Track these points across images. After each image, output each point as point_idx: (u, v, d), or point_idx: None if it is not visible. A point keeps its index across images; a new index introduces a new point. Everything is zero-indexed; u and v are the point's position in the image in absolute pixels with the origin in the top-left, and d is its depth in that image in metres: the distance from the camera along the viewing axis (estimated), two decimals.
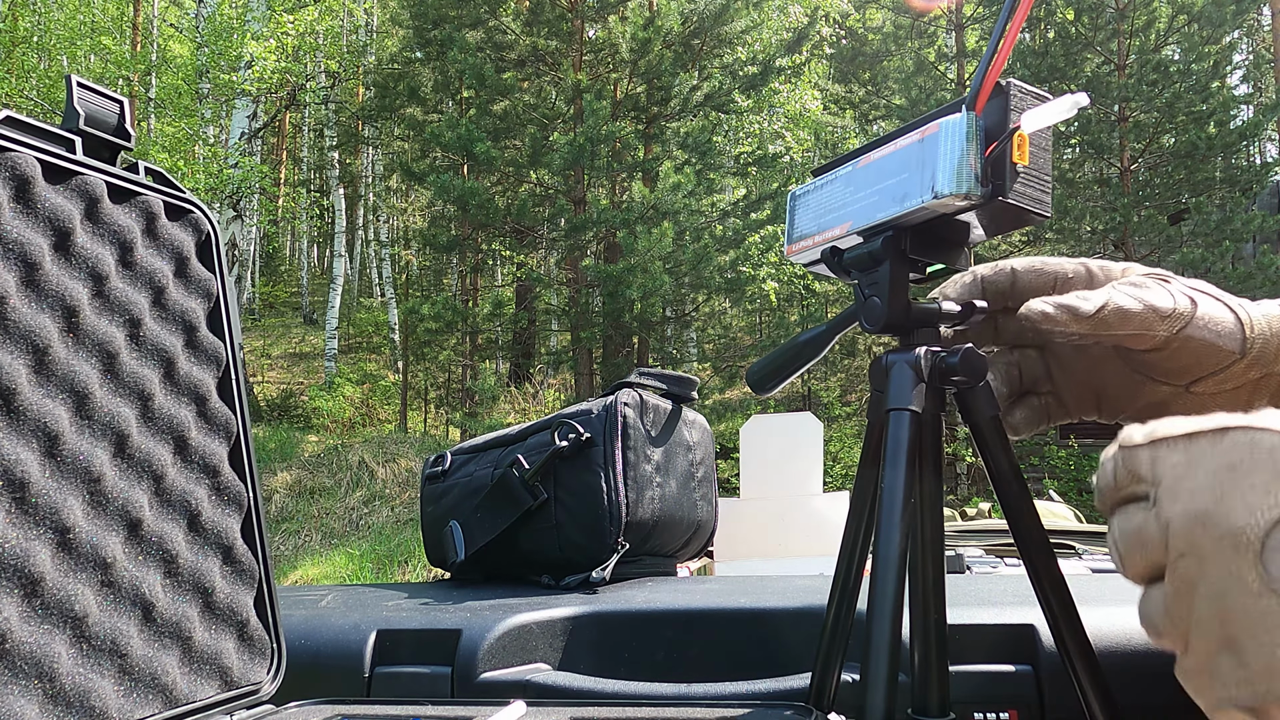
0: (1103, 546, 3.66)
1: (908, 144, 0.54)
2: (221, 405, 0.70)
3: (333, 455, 10.84)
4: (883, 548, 0.53)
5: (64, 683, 0.54)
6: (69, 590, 0.55)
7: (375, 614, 0.94)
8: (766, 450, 2.43)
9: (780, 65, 10.66)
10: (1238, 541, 0.34)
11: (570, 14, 9.92)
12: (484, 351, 11.80)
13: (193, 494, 0.66)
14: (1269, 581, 0.33)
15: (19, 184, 0.56)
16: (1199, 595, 0.35)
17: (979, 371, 0.57)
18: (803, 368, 0.65)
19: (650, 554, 1.21)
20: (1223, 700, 0.35)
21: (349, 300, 20.20)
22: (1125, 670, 0.74)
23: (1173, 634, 0.37)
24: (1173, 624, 0.37)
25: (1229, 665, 0.35)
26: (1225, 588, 0.34)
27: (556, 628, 0.92)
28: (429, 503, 1.30)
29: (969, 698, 0.76)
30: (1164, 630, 0.38)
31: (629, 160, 9.79)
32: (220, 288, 0.71)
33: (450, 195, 8.94)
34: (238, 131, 11.43)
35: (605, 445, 1.12)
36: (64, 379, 0.57)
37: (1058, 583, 0.57)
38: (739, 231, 9.62)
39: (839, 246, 0.60)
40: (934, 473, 0.59)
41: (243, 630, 0.68)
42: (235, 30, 11.29)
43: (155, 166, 0.67)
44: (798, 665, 0.85)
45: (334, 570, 8.01)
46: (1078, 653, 0.57)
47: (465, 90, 11.25)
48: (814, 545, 2.25)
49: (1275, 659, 0.33)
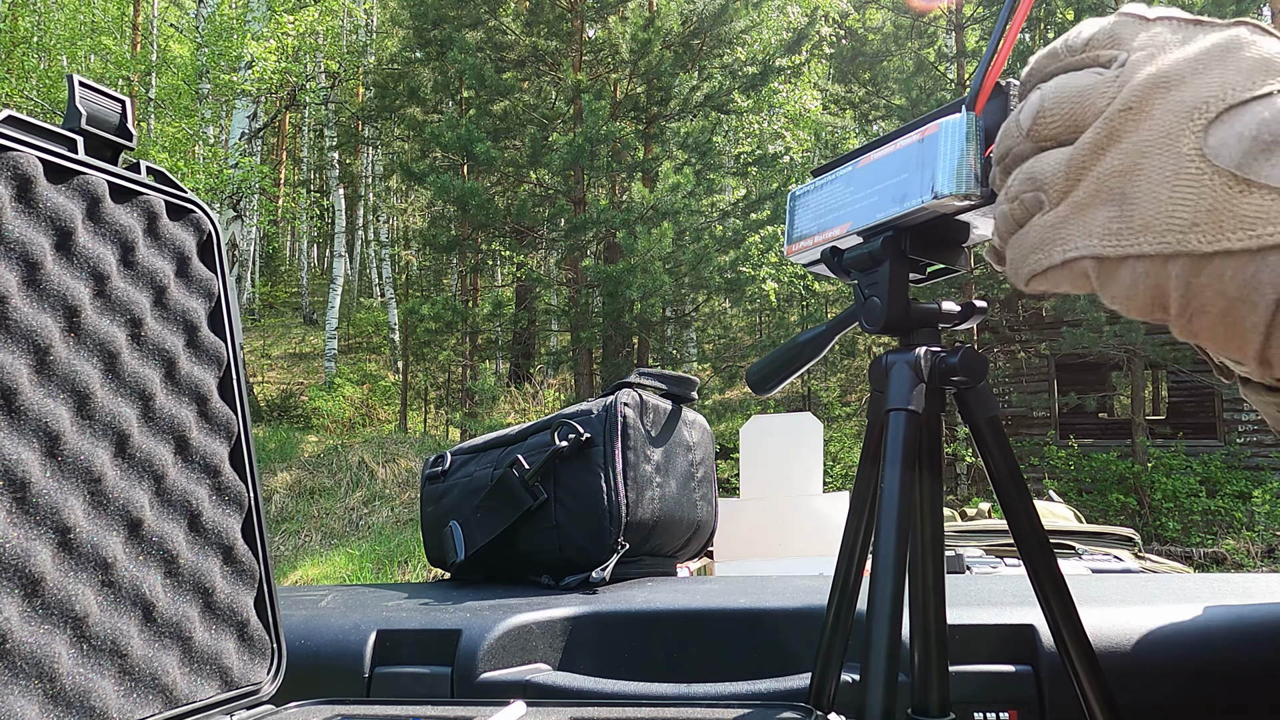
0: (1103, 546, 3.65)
1: (908, 144, 0.54)
2: (222, 405, 0.70)
3: (333, 455, 10.84)
4: (882, 548, 0.53)
5: (64, 683, 0.54)
6: (69, 590, 0.55)
7: (375, 614, 0.94)
8: (766, 450, 2.43)
9: (780, 65, 10.66)
10: (1194, 109, 0.33)
11: (570, 14, 9.92)
12: (484, 351, 11.80)
13: (193, 494, 0.66)
14: (1203, 149, 0.32)
15: (21, 183, 0.56)
16: (1117, 149, 0.35)
17: (979, 371, 0.57)
18: (802, 368, 0.65)
19: (650, 554, 1.21)
20: (1080, 249, 0.36)
21: (349, 300, 20.21)
22: (1125, 670, 0.74)
23: (1060, 183, 0.37)
24: (1065, 176, 0.36)
25: (1105, 217, 0.35)
26: (1153, 146, 0.34)
27: (556, 628, 0.92)
28: (429, 503, 1.30)
29: (969, 698, 0.76)
30: (1051, 180, 0.37)
31: (629, 160, 9.79)
32: (221, 287, 0.71)
33: (450, 195, 8.94)
34: (238, 132, 11.43)
35: (605, 445, 1.12)
36: (65, 379, 0.57)
37: (1058, 583, 0.57)
38: (739, 231, 9.62)
39: (839, 246, 0.60)
40: (934, 473, 0.59)
41: (243, 630, 0.68)
42: (235, 30, 11.29)
43: (157, 166, 0.67)
44: (798, 665, 0.85)
45: (334, 570, 8.01)
46: (1078, 653, 0.57)
47: (465, 90, 11.26)
48: (814, 545, 2.25)
49: (1158, 216, 0.33)
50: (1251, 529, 9.44)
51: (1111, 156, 0.35)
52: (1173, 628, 0.78)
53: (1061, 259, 0.37)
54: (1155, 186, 0.33)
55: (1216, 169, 0.32)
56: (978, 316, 0.60)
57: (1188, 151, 0.33)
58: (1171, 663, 0.75)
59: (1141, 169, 0.34)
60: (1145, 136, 0.34)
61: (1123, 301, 0.35)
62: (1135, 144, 0.34)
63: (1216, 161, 0.32)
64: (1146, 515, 10.00)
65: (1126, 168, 0.34)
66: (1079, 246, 0.36)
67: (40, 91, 12.72)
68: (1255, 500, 9.57)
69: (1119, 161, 0.35)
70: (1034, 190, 0.38)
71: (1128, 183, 0.34)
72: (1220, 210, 0.32)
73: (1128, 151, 0.34)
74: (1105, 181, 0.35)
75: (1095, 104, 0.36)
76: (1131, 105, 0.35)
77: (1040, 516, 0.59)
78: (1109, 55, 0.37)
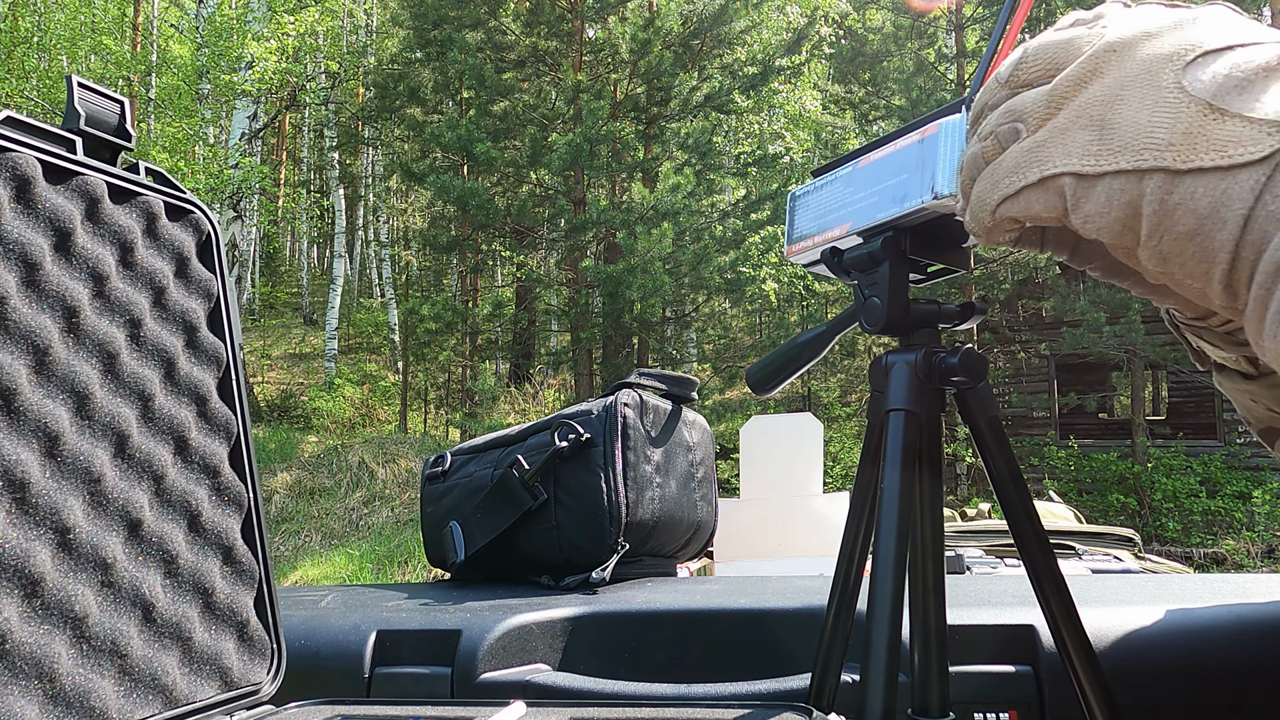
0: (1103, 546, 3.65)
1: (907, 144, 0.54)
2: (222, 405, 0.70)
3: (333, 456, 10.84)
4: (882, 548, 0.53)
5: (64, 683, 0.54)
6: (69, 590, 0.55)
7: (375, 614, 0.94)
8: (766, 450, 2.42)
9: (780, 65, 10.66)
10: (1174, 53, 0.36)
11: (570, 14, 9.92)
12: (484, 352, 11.79)
13: (193, 494, 0.66)
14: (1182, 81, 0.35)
15: (20, 184, 0.56)
16: (1099, 82, 0.37)
17: (979, 372, 0.57)
18: (803, 368, 0.65)
19: (650, 554, 1.21)
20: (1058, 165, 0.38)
21: (349, 300, 20.20)
22: (1125, 670, 0.74)
23: (1036, 115, 0.39)
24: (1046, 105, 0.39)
25: (1085, 139, 0.37)
26: (1134, 80, 0.36)
27: (556, 628, 0.92)
28: (429, 503, 1.30)
29: (969, 698, 0.76)
30: (1027, 113, 0.39)
31: (629, 161, 9.79)
32: (221, 288, 0.71)
33: (450, 196, 8.94)
34: (238, 132, 11.43)
35: (605, 445, 1.12)
36: (64, 379, 0.57)
37: (1058, 583, 0.57)
38: (739, 232, 9.62)
39: (839, 247, 0.60)
40: (934, 473, 0.59)
41: (243, 630, 0.68)
42: (235, 31, 11.29)
43: (156, 167, 0.67)
44: (798, 665, 0.85)
45: (334, 570, 8.01)
46: (1078, 653, 0.57)
47: (465, 91, 11.25)
48: (814, 545, 2.25)
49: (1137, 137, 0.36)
50: (1251, 529, 9.44)
51: (1094, 87, 0.37)
52: (1173, 628, 0.78)
53: (1039, 176, 0.38)
54: (1135, 112, 0.36)
55: (1193, 98, 0.35)
56: (978, 317, 0.60)
57: (1167, 85, 0.35)
58: (1171, 663, 0.75)
59: (1122, 99, 0.36)
60: (1127, 71, 0.37)
61: (1095, 220, 0.37)
62: (1118, 78, 0.37)
63: (1193, 92, 0.35)
64: (1146, 515, 10.00)
65: (1108, 97, 0.37)
66: (1057, 164, 0.38)
67: (40, 91, 12.72)
68: (1255, 500, 9.57)
69: (1101, 92, 0.37)
70: (1012, 121, 0.40)
71: (1108, 110, 0.37)
72: (1195, 133, 0.34)
73: (1109, 85, 0.37)
74: (1086, 109, 0.37)
75: (1078, 48, 0.38)
76: (1115, 47, 0.37)
77: (1040, 517, 0.59)
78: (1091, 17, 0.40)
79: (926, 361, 0.57)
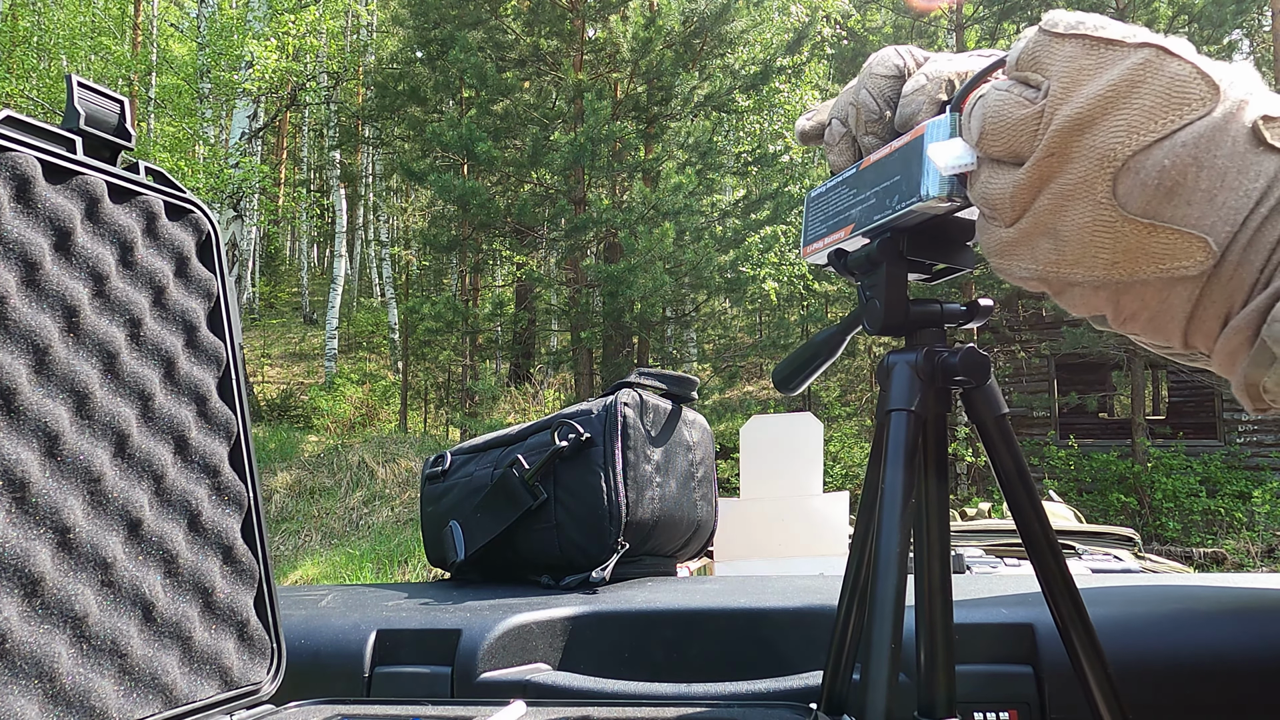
0: (1103, 546, 3.65)
1: (901, 144, 0.53)
2: (222, 405, 0.70)
3: (333, 455, 10.83)
4: (883, 548, 0.53)
5: (64, 683, 0.54)
6: (69, 590, 0.55)
7: (375, 614, 0.94)
8: (766, 450, 2.42)
9: (781, 65, 10.65)
10: (1104, 157, 0.39)
11: (571, 14, 9.92)
12: (484, 351, 11.79)
13: (193, 494, 0.65)
14: (1113, 197, 0.39)
15: (19, 184, 0.56)
16: (1049, 190, 0.42)
17: (981, 372, 0.57)
18: (823, 366, 0.65)
19: (650, 554, 1.21)
20: (1031, 271, 0.44)
21: (349, 300, 20.20)
22: (1125, 670, 0.74)
23: (1007, 213, 0.44)
24: (1011, 205, 0.44)
25: (1046, 248, 0.43)
26: (1075, 191, 0.41)
27: (556, 628, 0.92)
28: (429, 503, 1.30)
29: (969, 698, 0.76)
30: (999, 208, 0.45)
31: (630, 160, 9.78)
32: (220, 287, 0.71)
33: (451, 195, 8.93)
34: (238, 131, 11.43)
35: (605, 445, 1.12)
36: (64, 379, 0.57)
37: (1067, 584, 0.57)
38: (739, 231, 9.61)
39: (844, 249, 0.60)
40: (939, 473, 0.59)
41: (243, 630, 0.68)
42: (236, 30, 11.29)
43: (155, 166, 0.67)
44: (797, 665, 0.85)
45: (334, 570, 8.01)
46: (1086, 654, 0.57)
47: (466, 90, 11.25)
48: (814, 545, 2.25)
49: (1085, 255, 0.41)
50: (1251, 529, 9.44)
51: (1044, 196, 0.42)
52: (1173, 628, 0.78)
53: (1019, 277, 0.45)
54: (1079, 230, 0.41)
55: (1127, 217, 0.39)
56: (983, 316, 0.59)
57: (1102, 199, 0.40)
58: (1171, 663, 0.75)
59: (1067, 210, 0.41)
60: (1067, 181, 0.41)
61: (1070, 308, 0.45)
62: (1060, 187, 0.41)
63: (1127, 210, 0.39)
64: (1146, 515, 10.00)
65: (1055, 207, 0.42)
66: (1029, 269, 0.44)
67: (40, 91, 12.72)
68: (1255, 500, 9.56)
69: (1049, 201, 0.42)
70: (989, 209, 0.45)
71: (1058, 220, 0.42)
72: (1134, 250, 0.40)
73: (1055, 194, 0.41)
74: (1041, 217, 0.42)
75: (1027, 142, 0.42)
76: (1054, 151, 0.41)
77: None
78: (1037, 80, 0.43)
79: (928, 361, 0.57)
